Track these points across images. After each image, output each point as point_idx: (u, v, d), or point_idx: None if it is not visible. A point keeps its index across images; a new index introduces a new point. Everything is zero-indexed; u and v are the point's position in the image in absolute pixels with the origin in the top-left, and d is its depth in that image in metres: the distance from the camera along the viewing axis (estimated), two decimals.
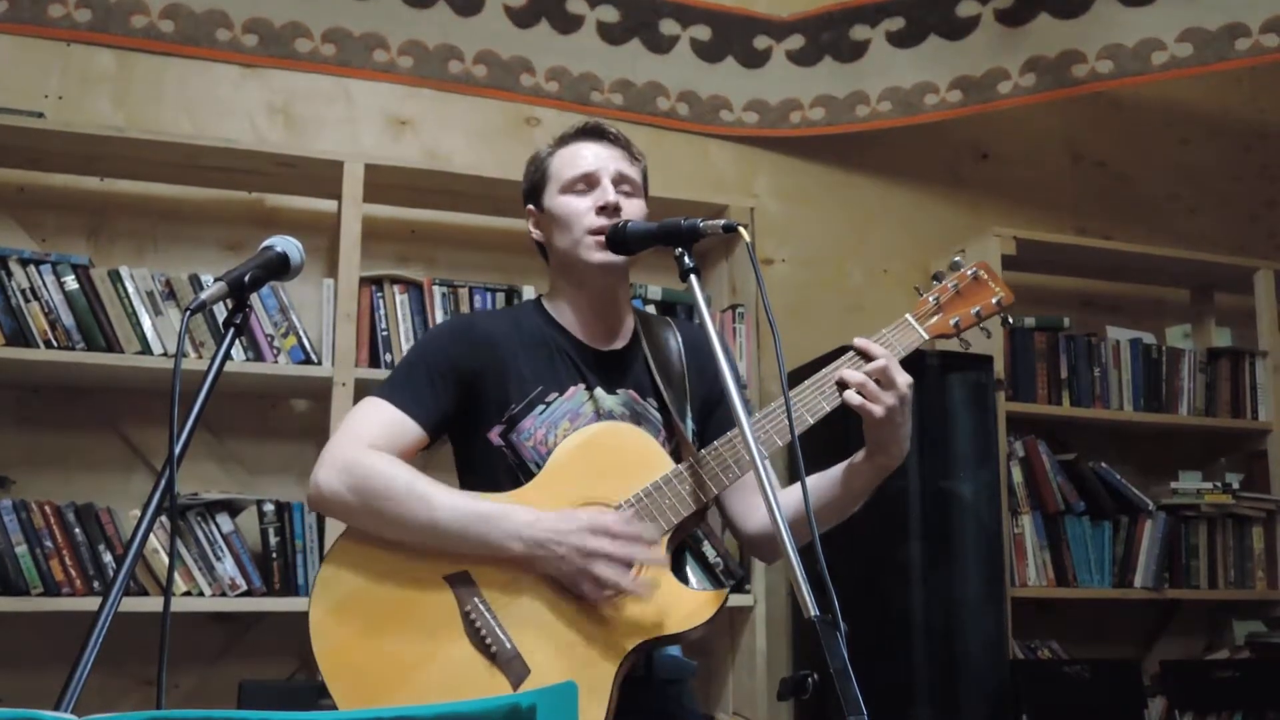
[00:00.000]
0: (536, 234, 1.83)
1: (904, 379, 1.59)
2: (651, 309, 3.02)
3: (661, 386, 1.76)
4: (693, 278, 1.57)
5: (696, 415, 1.79)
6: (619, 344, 1.80)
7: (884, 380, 1.58)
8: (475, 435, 1.71)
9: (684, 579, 2.95)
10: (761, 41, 3.57)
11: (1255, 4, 3.28)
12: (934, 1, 3.54)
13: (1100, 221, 3.94)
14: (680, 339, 1.84)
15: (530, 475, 1.66)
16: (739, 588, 2.97)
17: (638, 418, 1.74)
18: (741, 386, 3.02)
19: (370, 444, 1.61)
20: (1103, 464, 3.48)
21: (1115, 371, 3.54)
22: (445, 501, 1.56)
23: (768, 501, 1.33)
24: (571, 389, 1.72)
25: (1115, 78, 3.45)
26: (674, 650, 1.73)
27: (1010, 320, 1.78)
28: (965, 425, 3.13)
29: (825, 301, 3.54)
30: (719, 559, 3.00)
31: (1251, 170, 4.24)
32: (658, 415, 1.76)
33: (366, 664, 1.53)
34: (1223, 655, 3.55)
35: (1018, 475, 3.34)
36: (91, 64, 2.98)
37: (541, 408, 1.70)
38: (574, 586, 1.53)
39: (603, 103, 3.39)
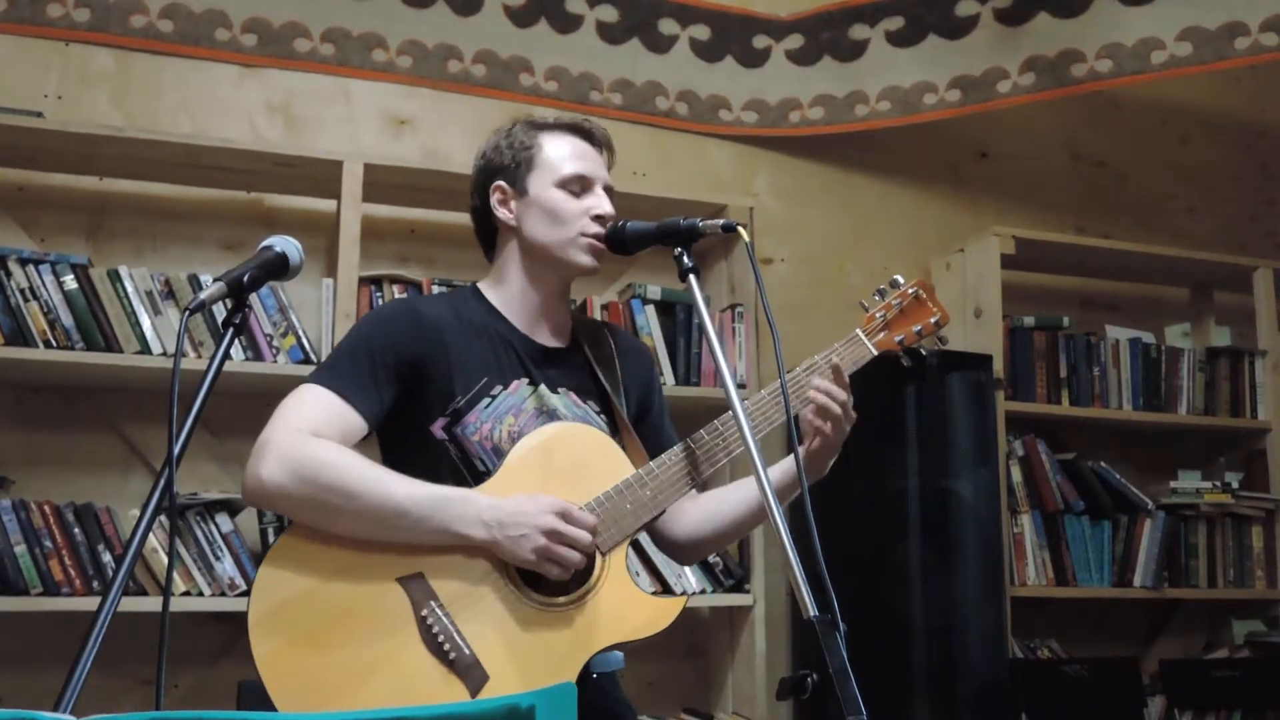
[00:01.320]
0: (504, 213, 1.75)
1: (851, 412, 1.67)
2: (651, 309, 3.02)
3: (608, 388, 1.75)
4: (692, 277, 1.57)
5: (632, 420, 1.78)
6: (560, 342, 1.78)
7: (846, 412, 1.66)
8: (415, 428, 1.65)
9: (683, 578, 2.96)
10: (761, 41, 3.57)
11: (1254, 3, 3.28)
12: (933, 1, 3.54)
13: (1099, 220, 3.94)
14: (614, 343, 1.82)
15: (475, 471, 1.63)
16: (738, 587, 2.97)
17: (578, 419, 1.72)
18: (740, 386, 3.02)
19: (313, 433, 1.53)
20: (1102, 463, 3.49)
21: (1114, 371, 3.54)
22: (403, 490, 1.51)
23: (769, 508, 1.33)
24: (515, 383, 1.69)
25: (1114, 77, 3.45)
26: None
27: (946, 340, 1.83)
28: (965, 424, 3.13)
29: (824, 301, 3.54)
30: (718, 558, 3.02)
31: (1251, 169, 4.25)
32: (599, 419, 1.75)
33: (313, 669, 1.45)
34: (1222, 654, 3.55)
35: (1017, 474, 3.34)
36: (90, 63, 2.98)
37: (487, 400, 1.66)
38: (536, 567, 1.51)
39: (602, 102, 3.39)
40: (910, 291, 1.80)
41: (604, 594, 1.55)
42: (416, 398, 1.64)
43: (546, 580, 1.55)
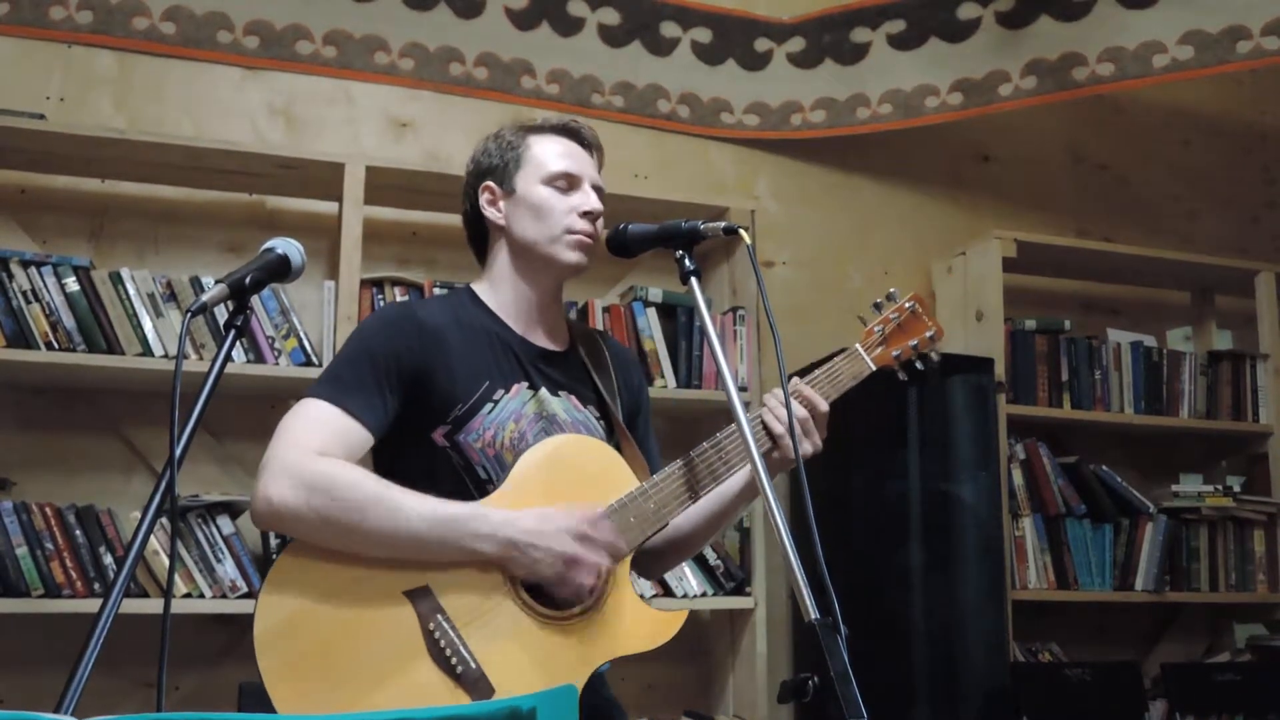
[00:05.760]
0: (492, 213, 1.75)
1: (823, 416, 1.66)
2: (652, 311, 3.02)
3: (605, 395, 1.75)
4: (693, 280, 1.57)
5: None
6: (558, 345, 1.77)
7: (806, 430, 1.64)
8: (417, 436, 1.63)
9: (683, 580, 2.96)
10: (762, 44, 3.57)
11: (1256, 6, 3.28)
12: (935, 4, 3.54)
13: (1101, 224, 3.94)
14: (607, 350, 1.83)
15: (478, 478, 1.62)
16: (739, 590, 2.97)
17: (578, 424, 1.71)
18: (741, 389, 3.02)
19: (319, 451, 1.51)
20: (1104, 466, 3.48)
21: (1116, 374, 3.54)
22: (414, 508, 1.49)
23: (770, 511, 1.34)
24: (515, 386, 1.68)
25: (1116, 80, 3.45)
26: None
27: (939, 355, 1.83)
28: (966, 428, 3.13)
29: (826, 304, 3.54)
30: (719, 561, 3.02)
31: (1252, 172, 4.24)
32: (598, 424, 1.75)
33: (320, 684, 1.44)
34: (1224, 658, 3.55)
35: (1018, 478, 3.33)
36: (93, 66, 2.98)
37: (489, 406, 1.64)
38: (550, 589, 1.52)
39: (603, 105, 3.39)
40: (907, 306, 1.81)
41: (609, 607, 1.55)
42: (418, 405, 1.62)
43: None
